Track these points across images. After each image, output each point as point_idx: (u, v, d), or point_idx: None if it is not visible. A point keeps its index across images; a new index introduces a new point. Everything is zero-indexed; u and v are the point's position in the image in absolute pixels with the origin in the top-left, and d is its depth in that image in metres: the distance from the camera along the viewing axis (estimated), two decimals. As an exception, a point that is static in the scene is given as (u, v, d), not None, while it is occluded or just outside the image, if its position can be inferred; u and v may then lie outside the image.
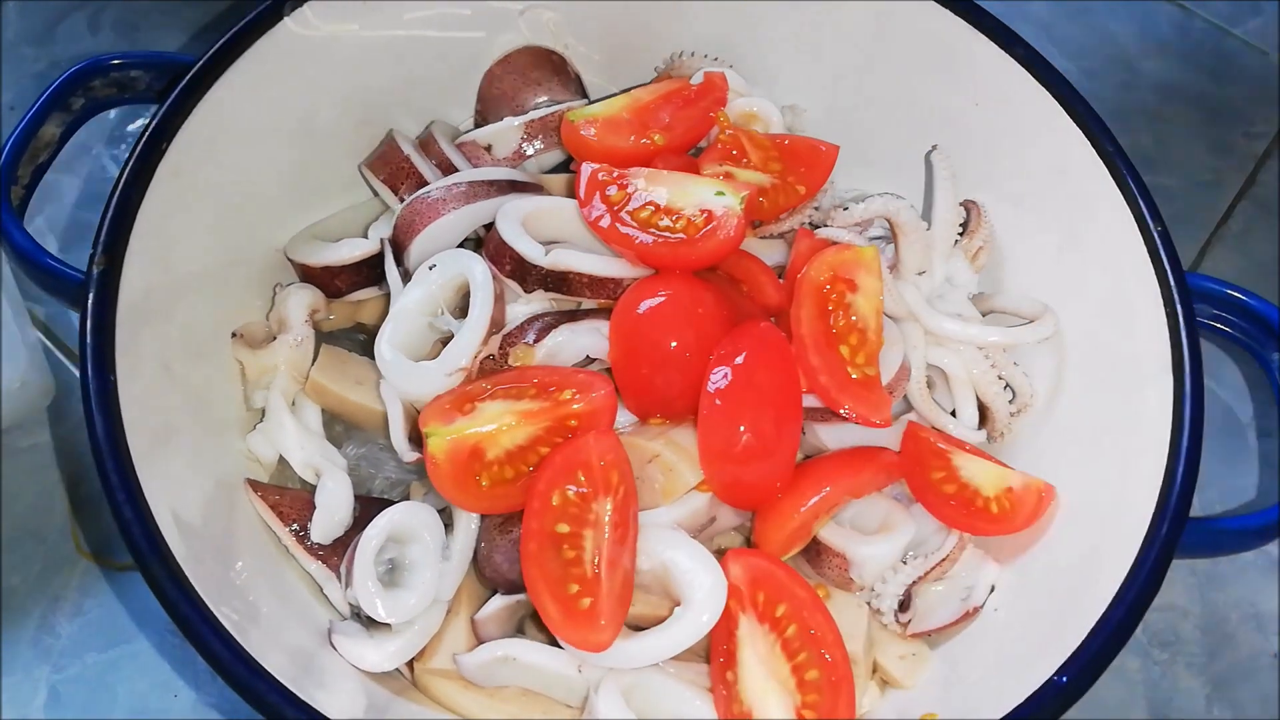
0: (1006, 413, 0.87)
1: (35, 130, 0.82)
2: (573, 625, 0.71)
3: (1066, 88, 0.84)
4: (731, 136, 0.87)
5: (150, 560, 0.67)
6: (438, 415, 0.76)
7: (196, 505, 0.75)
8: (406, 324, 0.82)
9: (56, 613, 0.93)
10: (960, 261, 0.90)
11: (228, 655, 0.66)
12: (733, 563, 0.75)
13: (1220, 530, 0.77)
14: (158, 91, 0.85)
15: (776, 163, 0.87)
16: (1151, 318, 0.78)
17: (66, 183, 1.13)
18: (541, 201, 0.85)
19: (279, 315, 0.88)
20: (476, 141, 0.93)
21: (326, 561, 0.79)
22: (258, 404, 0.86)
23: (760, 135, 0.88)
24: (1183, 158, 1.25)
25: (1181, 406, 0.74)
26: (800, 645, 0.73)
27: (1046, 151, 0.86)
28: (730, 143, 0.86)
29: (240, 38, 0.81)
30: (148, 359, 0.75)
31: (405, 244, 0.86)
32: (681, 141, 0.88)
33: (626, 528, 0.74)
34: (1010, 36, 0.86)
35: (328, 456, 0.84)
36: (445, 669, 0.77)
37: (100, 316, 0.71)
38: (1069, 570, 0.77)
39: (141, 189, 0.75)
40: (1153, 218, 0.80)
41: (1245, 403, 1.09)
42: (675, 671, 0.75)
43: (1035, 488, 0.81)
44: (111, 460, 0.68)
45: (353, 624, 0.78)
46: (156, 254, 0.77)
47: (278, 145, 0.88)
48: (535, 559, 0.73)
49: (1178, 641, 0.97)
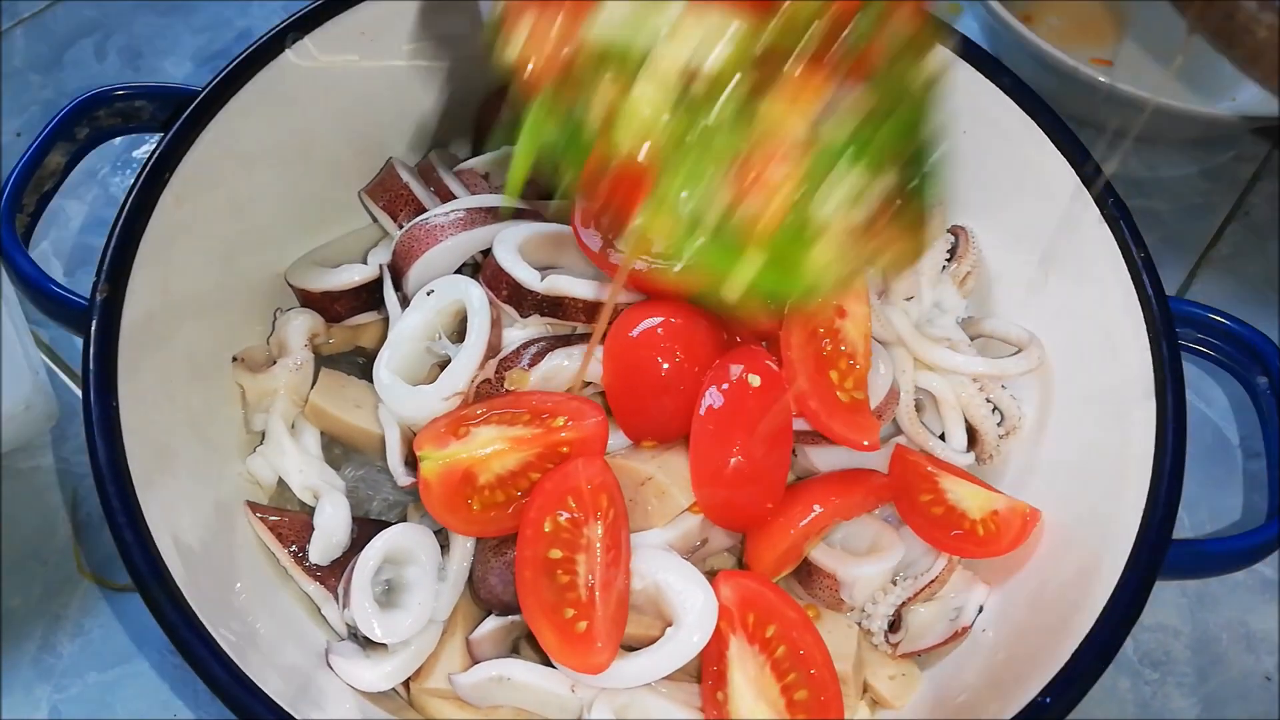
0: (995, 435, 0.88)
1: (41, 159, 0.84)
2: (570, 649, 0.72)
3: (1051, 116, 0.86)
4: None
5: (150, 583, 0.68)
6: (432, 439, 0.77)
7: (196, 527, 0.76)
8: (404, 348, 0.83)
9: (57, 632, 0.94)
10: (948, 286, 0.91)
11: (226, 677, 0.67)
12: (723, 584, 0.76)
13: (1207, 552, 0.78)
14: (162, 121, 0.87)
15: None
16: (1136, 342, 0.80)
17: (71, 207, 1.15)
18: (538, 228, 0.87)
19: (279, 339, 0.90)
20: (474, 169, 0.95)
21: (324, 582, 0.80)
22: (257, 427, 0.88)
23: None
24: (1172, 181, 1.26)
25: (1165, 431, 0.75)
26: (790, 666, 0.74)
27: (1032, 178, 0.88)
28: None
29: (243, 69, 0.83)
30: (149, 383, 0.77)
31: (404, 270, 0.88)
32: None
33: (618, 550, 0.75)
34: (996, 66, 0.88)
35: (326, 479, 0.85)
36: (441, 689, 0.78)
37: (103, 344, 0.73)
38: (1057, 591, 0.78)
39: (145, 218, 0.77)
40: (1136, 244, 0.81)
41: (1234, 423, 1.10)
42: (667, 691, 0.76)
43: (1020, 511, 0.82)
44: (113, 485, 0.69)
45: (349, 644, 0.79)
46: (158, 280, 0.78)
47: (278, 173, 0.89)
48: (530, 586, 0.74)
49: (1169, 661, 0.98)
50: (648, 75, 0.60)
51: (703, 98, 0.60)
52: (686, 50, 0.60)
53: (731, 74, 0.60)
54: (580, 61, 0.61)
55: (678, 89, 0.60)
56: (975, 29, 1.31)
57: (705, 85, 0.60)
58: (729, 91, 0.60)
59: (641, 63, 0.60)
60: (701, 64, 0.60)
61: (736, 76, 0.60)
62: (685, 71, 0.60)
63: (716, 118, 0.60)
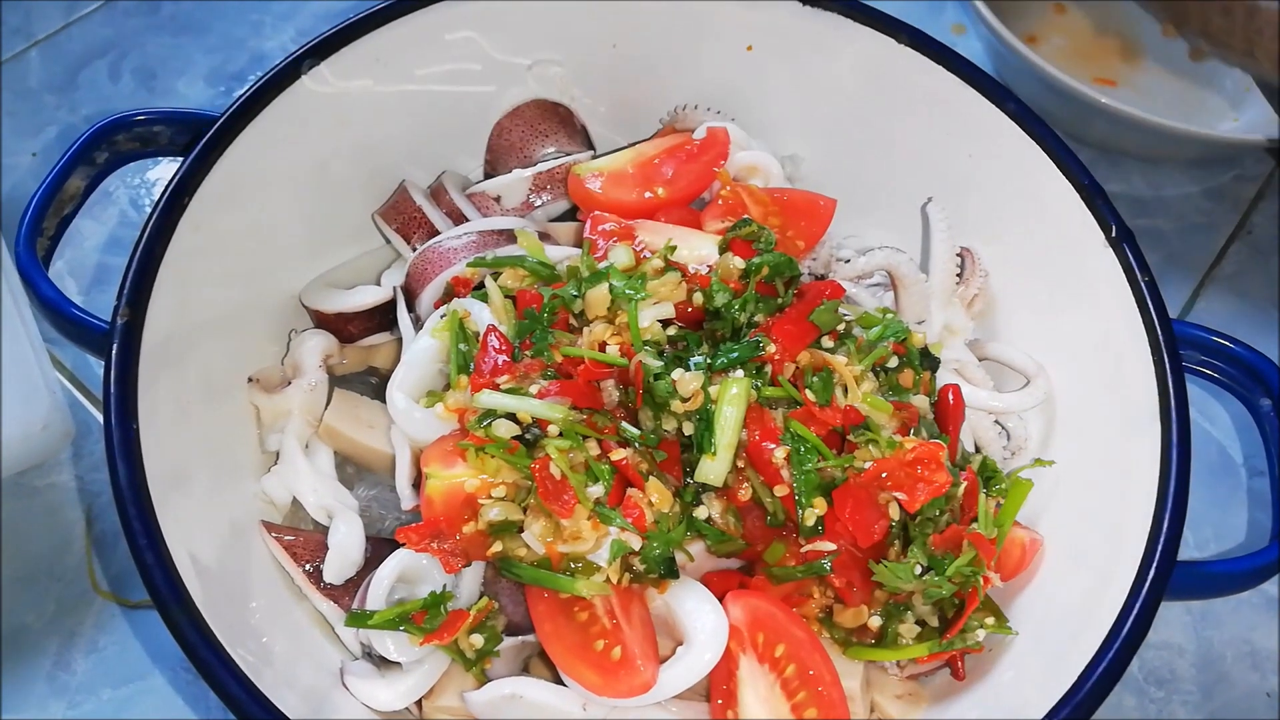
0: (1001, 457, 0.89)
1: (61, 184, 0.85)
2: (613, 679, 0.73)
3: (1055, 140, 0.87)
4: (732, 192, 0.89)
5: (170, 603, 0.69)
6: (439, 458, 0.78)
7: (212, 547, 0.77)
8: (418, 370, 0.84)
9: (72, 649, 0.94)
10: (957, 309, 0.92)
11: (244, 696, 0.67)
12: (733, 604, 0.77)
13: (1212, 574, 0.79)
14: (180, 145, 0.88)
15: (776, 217, 0.89)
16: (1141, 366, 0.80)
17: (86, 227, 1.16)
18: (550, 251, 0.87)
19: (293, 360, 0.91)
20: (486, 193, 0.96)
21: (339, 601, 0.81)
22: (272, 447, 0.89)
23: (759, 191, 0.91)
24: (1175, 200, 1.27)
25: (1169, 454, 0.76)
26: (799, 685, 0.75)
27: (1037, 202, 0.89)
28: (731, 198, 0.89)
29: (260, 95, 0.84)
30: (166, 403, 0.78)
31: (417, 291, 0.89)
32: (684, 195, 0.91)
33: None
34: (1002, 92, 0.89)
35: (340, 498, 0.86)
36: (454, 706, 0.79)
37: (124, 367, 0.74)
38: (1062, 612, 0.79)
39: (164, 242, 0.78)
40: (1140, 268, 0.82)
41: (1238, 442, 1.11)
42: (677, 710, 0.77)
43: (1020, 541, 0.83)
44: (134, 506, 0.70)
45: (364, 664, 0.80)
46: (176, 303, 0.79)
47: (293, 196, 0.91)
48: (554, 637, 0.75)
49: (1174, 679, 0.98)
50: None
51: None
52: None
53: None
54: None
55: None
56: (979, 49, 1.32)
57: None
58: None
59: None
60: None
61: None
62: None
63: None
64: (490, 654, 0.78)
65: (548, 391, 0.76)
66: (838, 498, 0.74)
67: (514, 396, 0.76)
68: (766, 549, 0.78)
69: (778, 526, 0.77)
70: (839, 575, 0.75)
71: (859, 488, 0.75)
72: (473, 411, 0.78)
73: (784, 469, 0.75)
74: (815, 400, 0.77)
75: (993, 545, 0.77)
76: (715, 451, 0.74)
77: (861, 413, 0.77)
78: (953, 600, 0.78)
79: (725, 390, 0.75)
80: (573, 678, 0.74)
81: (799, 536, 0.76)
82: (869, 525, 0.74)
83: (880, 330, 0.82)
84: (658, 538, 0.74)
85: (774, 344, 0.77)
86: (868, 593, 0.77)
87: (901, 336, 0.82)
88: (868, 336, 0.82)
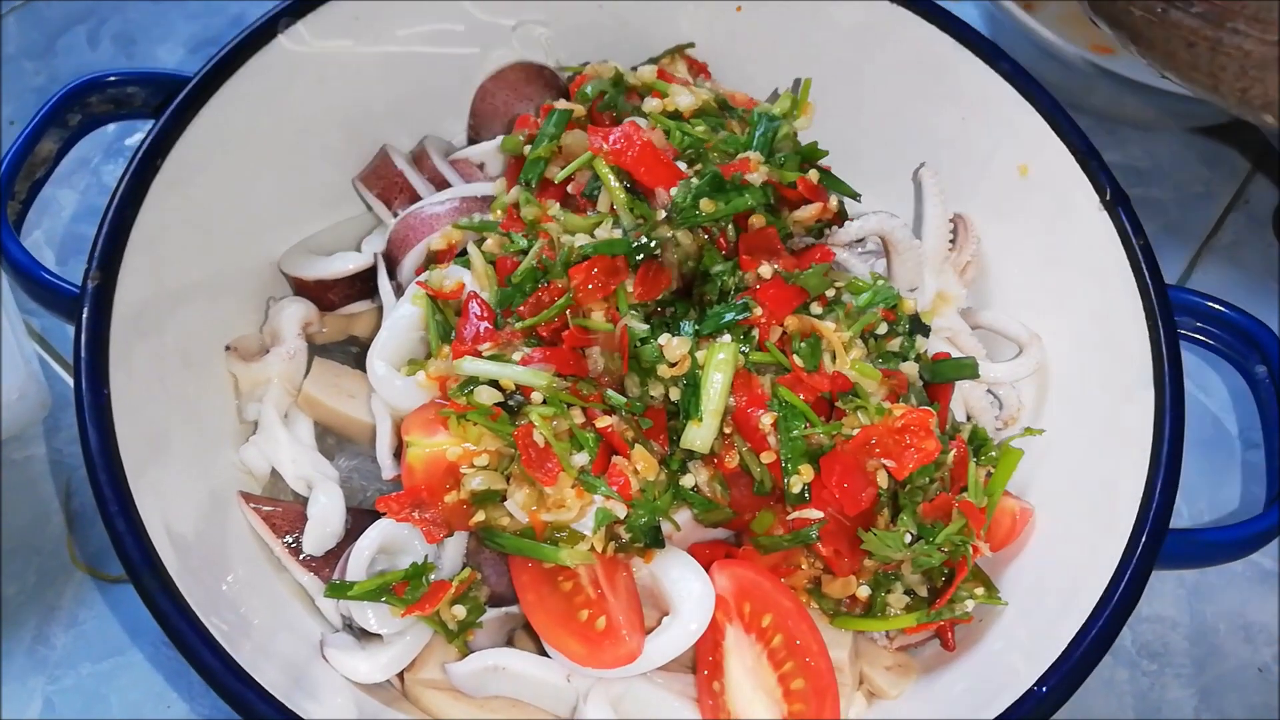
0: (992, 425, 0.87)
1: (32, 146, 0.83)
2: (598, 649, 0.72)
3: (1050, 101, 0.86)
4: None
5: (142, 572, 0.67)
6: (420, 426, 0.76)
7: (189, 517, 0.76)
8: (399, 338, 0.83)
9: (52, 624, 0.93)
10: (950, 276, 0.91)
11: (219, 667, 0.66)
12: (719, 574, 0.76)
13: (1204, 541, 0.78)
14: (154, 107, 0.86)
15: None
16: (1135, 331, 0.79)
17: (64, 196, 1.14)
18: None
19: (272, 328, 0.89)
20: (469, 159, 0.95)
21: (319, 573, 0.80)
22: (250, 416, 0.87)
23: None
24: (1174, 170, 1.26)
25: (1163, 420, 0.75)
26: (786, 655, 0.74)
27: (1032, 166, 0.88)
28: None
29: (235, 55, 0.82)
30: (141, 372, 0.76)
31: (399, 258, 0.87)
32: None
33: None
34: (995, 51, 0.87)
35: (320, 469, 0.84)
36: (435, 679, 0.78)
37: (95, 331, 0.72)
38: (1054, 581, 0.78)
39: (136, 205, 0.76)
40: (1135, 232, 0.80)
41: (1233, 414, 1.10)
42: (663, 681, 0.76)
43: (1010, 510, 0.82)
44: (105, 473, 0.69)
45: (344, 636, 0.79)
46: (151, 268, 0.78)
47: (271, 159, 0.89)
48: (538, 607, 0.74)
49: (1166, 652, 0.97)
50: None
51: None
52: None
53: None
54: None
55: None
56: (974, 14, 1.30)
57: None
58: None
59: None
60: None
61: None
62: None
63: None
64: (473, 625, 0.77)
65: (531, 358, 0.75)
66: (825, 465, 0.73)
67: (497, 363, 0.75)
68: (754, 518, 0.77)
69: (765, 495, 0.75)
70: (827, 544, 0.74)
71: (847, 455, 0.73)
72: (454, 379, 0.76)
73: (771, 435, 0.73)
74: (803, 366, 0.75)
75: (983, 514, 0.76)
76: (702, 418, 0.73)
77: (850, 379, 0.76)
78: (942, 570, 0.77)
79: (712, 355, 0.74)
80: (557, 648, 0.73)
81: (786, 504, 0.74)
82: (857, 493, 0.73)
83: (870, 296, 0.81)
84: (643, 506, 0.73)
85: (761, 307, 0.76)
86: (856, 562, 0.76)
87: (891, 303, 0.81)
88: (857, 302, 0.80)
